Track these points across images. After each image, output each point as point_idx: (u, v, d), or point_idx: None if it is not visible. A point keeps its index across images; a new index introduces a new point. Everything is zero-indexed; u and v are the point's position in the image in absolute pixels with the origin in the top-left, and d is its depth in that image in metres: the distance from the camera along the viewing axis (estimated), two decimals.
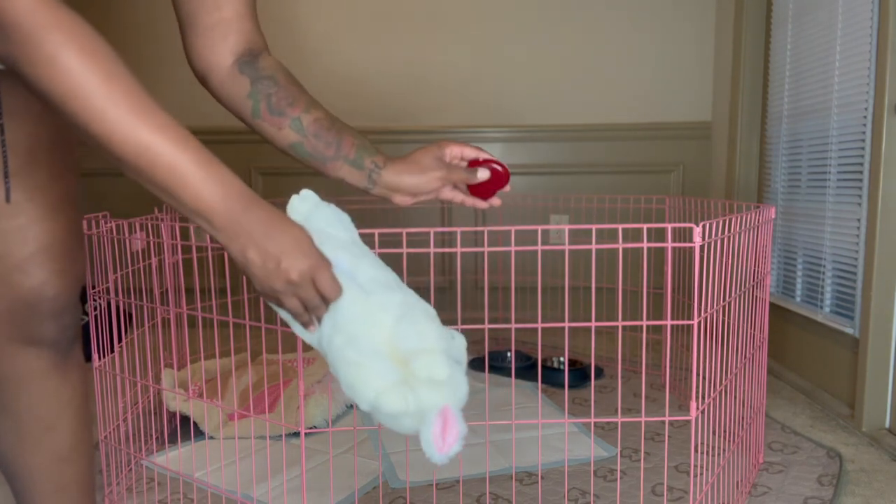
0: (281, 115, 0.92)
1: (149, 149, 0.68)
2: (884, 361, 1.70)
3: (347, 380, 0.76)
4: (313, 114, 0.94)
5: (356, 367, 0.75)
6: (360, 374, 0.75)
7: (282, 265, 0.73)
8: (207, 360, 2.02)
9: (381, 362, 0.75)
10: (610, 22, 2.78)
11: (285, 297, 0.76)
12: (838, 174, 1.94)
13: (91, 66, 0.65)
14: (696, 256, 1.02)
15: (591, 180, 2.84)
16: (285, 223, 0.75)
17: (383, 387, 0.74)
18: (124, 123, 0.67)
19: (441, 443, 0.73)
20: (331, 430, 1.12)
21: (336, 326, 0.77)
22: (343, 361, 0.76)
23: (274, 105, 0.92)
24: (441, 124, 2.85)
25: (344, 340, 0.77)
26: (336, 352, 0.77)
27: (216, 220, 0.72)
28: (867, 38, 1.78)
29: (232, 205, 0.72)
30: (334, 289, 0.76)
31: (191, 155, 0.70)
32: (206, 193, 0.71)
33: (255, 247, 0.73)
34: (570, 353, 2.37)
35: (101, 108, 0.66)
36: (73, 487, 0.99)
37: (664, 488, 1.39)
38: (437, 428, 0.73)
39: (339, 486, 1.39)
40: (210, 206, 0.71)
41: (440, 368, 0.75)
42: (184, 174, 0.69)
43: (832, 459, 1.51)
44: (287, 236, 0.74)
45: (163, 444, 1.60)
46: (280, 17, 2.83)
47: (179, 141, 0.69)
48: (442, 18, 2.82)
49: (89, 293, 1.28)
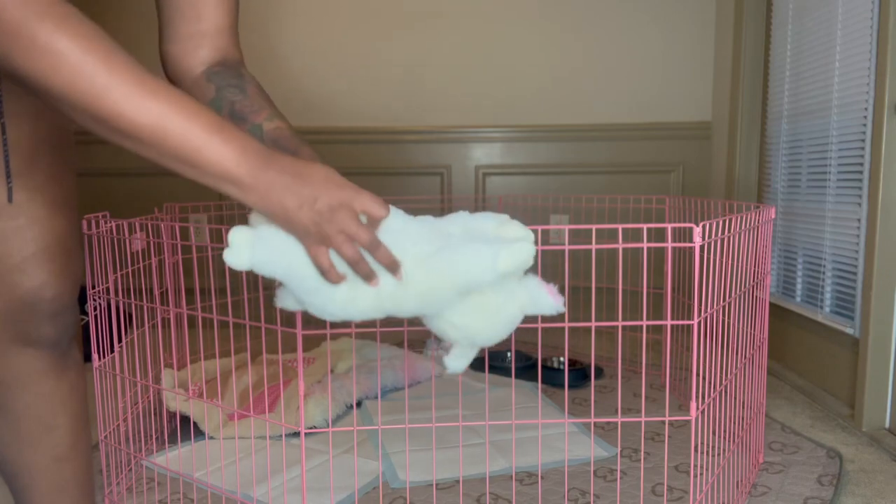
0: (242, 120, 0.92)
1: (160, 122, 0.68)
2: (884, 361, 1.70)
3: (458, 269, 0.76)
4: (275, 123, 0.93)
5: (462, 253, 0.76)
6: (468, 254, 0.76)
7: (318, 203, 0.73)
8: (207, 360, 2.02)
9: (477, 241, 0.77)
10: (610, 22, 2.78)
11: (335, 240, 0.74)
12: (838, 174, 1.94)
13: (88, 47, 0.65)
14: (696, 256, 1.02)
15: (591, 180, 2.84)
16: (309, 166, 0.74)
17: (494, 250, 0.75)
18: (132, 100, 0.66)
19: (553, 292, 0.79)
20: (331, 430, 1.12)
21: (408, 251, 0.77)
22: (445, 262, 0.76)
23: (237, 111, 0.92)
24: (441, 124, 2.85)
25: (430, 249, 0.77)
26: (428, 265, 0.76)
27: (243, 181, 0.72)
28: (867, 38, 1.78)
29: (253, 162, 0.72)
30: (379, 206, 0.75)
31: (203, 121, 0.70)
32: (225, 157, 0.70)
33: (290, 194, 0.73)
34: (570, 353, 2.37)
35: (105, 87, 0.65)
36: (71, 487, 1.00)
37: (664, 488, 1.39)
38: (542, 285, 0.79)
39: (339, 486, 1.39)
40: (231, 168, 0.71)
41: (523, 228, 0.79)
42: (199, 142, 0.69)
43: (832, 459, 1.51)
44: (316, 175, 0.74)
45: (163, 444, 1.60)
46: (280, 16, 2.83)
47: (190, 110, 0.69)
48: (442, 18, 2.82)
49: (89, 293, 1.28)
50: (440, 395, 1.93)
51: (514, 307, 0.79)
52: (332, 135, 2.86)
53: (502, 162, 2.86)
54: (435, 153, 2.87)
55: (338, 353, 2.16)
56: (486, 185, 2.87)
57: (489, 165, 2.86)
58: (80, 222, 1.08)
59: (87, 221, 1.24)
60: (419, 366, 2.09)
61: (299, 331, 1.03)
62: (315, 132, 2.84)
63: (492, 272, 0.75)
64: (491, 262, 0.74)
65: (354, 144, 2.88)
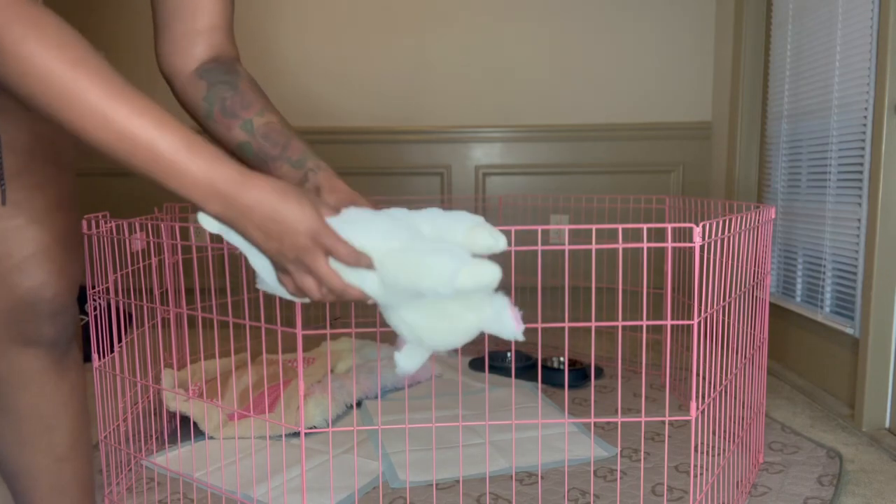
0: (233, 116, 0.90)
1: (126, 135, 0.64)
2: (884, 361, 1.70)
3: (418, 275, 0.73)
4: (266, 117, 0.91)
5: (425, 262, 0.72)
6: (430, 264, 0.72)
7: (285, 246, 0.70)
8: (207, 360, 2.02)
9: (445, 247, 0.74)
10: (610, 22, 2.78)
11: (304, 283, 0.73)
12: (838, 174, 1.94)
13: (56, 54, 0.63)
14: (696, 256, 1.02)
15: (591, 180, 2.84)
16: (284, 198, 0.70)
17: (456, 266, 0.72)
18: (98, 110, 0.64)
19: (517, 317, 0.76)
20: (331, 430, 1.12)
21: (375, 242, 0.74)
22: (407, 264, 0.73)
23: (228, 108, 0.91)
24: (441, 124, 2.85)
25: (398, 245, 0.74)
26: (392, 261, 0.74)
27: (209, 206, 0.69)
28: (867, 38, 1.78)
29: (223, 187, 0.68)
30: (350, 257, 0.72)
31: (172, 137, 0.66)
32: (193, 178, 0.67)
33: (256, 228, 0.70)
34: (570, 353, 2.37)
35: (71, 95, 0.63)
36: (72, 487, 0.99)
37: (664, 488, 1.39)
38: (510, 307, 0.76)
39: (339, 486, 1.39)
40: (200, 191, 0.67)
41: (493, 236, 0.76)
42: (167, 159, 0.66)
43: (832, 459, 1.51)
44: (290, 216, 0.70)
45: (163, 445, 1.60)
46: (281, 16, 2.83)
47: (159, 124, 0.66)
48: (442, 19, 2.82)
49: (89, 293, 1.28)
50: (440, 395, 1.93)
51: (474, 319, 0.76)
52: (333, 135, 2.86)
53: (502, 162, 2.86)
54: (435, 153, 2.87)
55: (338, 353, 2.16)
56: (486, 185, 2.87)
57: (489, 165, 2.86)
58: (80, 221, 1.08)
59: (87, 221, 1.24)
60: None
61: (299, 331, 1.03)
62: (315, 132, 2.84)
63: (449, 288, 0.72)
64: (450, 279, 0.71)
65: (355, 144, 2.87)
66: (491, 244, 0.75)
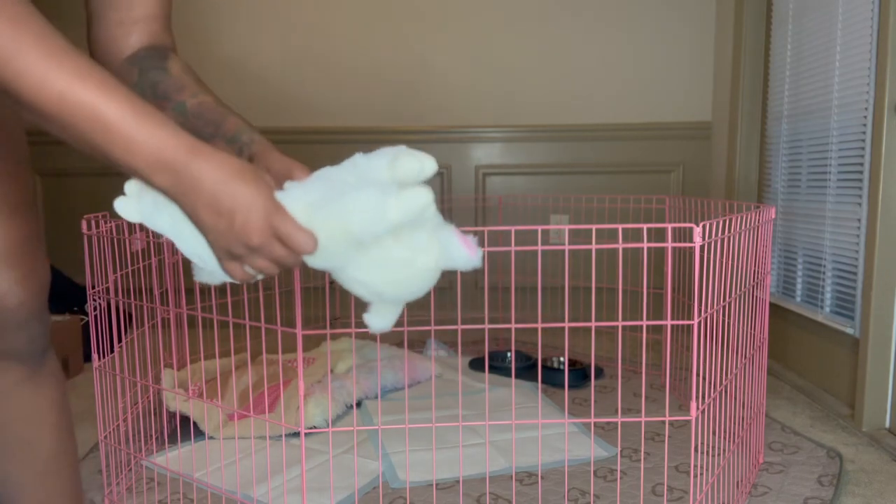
0: (165, 98, 0.85)
1: (66, 98, 0.59)
2: (884, 361, 1.70)
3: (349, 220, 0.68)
4: (200, 98, 0.86)
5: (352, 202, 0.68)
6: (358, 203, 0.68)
7: (236, 223, 0.65)
8: (207, 360, 2.02)
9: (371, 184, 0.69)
10: (610, 22, 2.78)
11: (255, 265, 0.68)
12: (838, 174, 1.94)
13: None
14: (696, 256, 1.02)
15: (591, 180, 2.84)
16: (239, 173, 0.65)
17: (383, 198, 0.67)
18: (36, 70, 0.58)
19: (469, 243, 0.71)
20: (331, 430, 1.12)
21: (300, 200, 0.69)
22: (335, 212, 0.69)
23: (160, 92, 0.86)
24: (441, 124, 2.85)
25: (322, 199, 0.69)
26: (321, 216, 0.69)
27: (156, 177, 0.63)
28: (867, 38, 1.78)
29: (172, 156, 0.62)
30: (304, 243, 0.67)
31: (118, 102, 0.60)
32: (140, 146, 0.61)
33: (205, 204, 0.64)
34: (570, 353, 2.37)
35: (8, 54, 0.58)
36: (58, 500, 0.95)
37: (664, 488, 1.39)
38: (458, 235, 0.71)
39: (339, 486, 1.39)
40: (147, 160, 0.62)
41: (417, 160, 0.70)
42: (109, 126, 0.60)
43: (832, 459, 1.51)
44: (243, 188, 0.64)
45: (163, 445, 1.60)
46: (280, 16, 2.83)
47: (103, 87, 0.60)
48: (442, 18, 2.82)
49: (89, 293, 1.28)
50: (440, 395, 1.93)
51: (424, 260, 0.71)
52: (333, 135, 2.86)
53: (502, 162, 2.86)
54: (435, 153, 2.87)
55: (338, 353, 2.16)
56: (486, 185, 2.87)
57: (489, 165, 2.86)
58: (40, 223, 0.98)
59: (87, 221, 1.24)
60: (419, 366, 2.09)
61: (299, 331, 1.03)
62: (315, 132, 2.84)
63: (383, 222, 0.67)
64: (381, 212, 0.66)
65: (354, 144, 2.87)
66: (417, 167, 0.69)
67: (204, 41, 2.84)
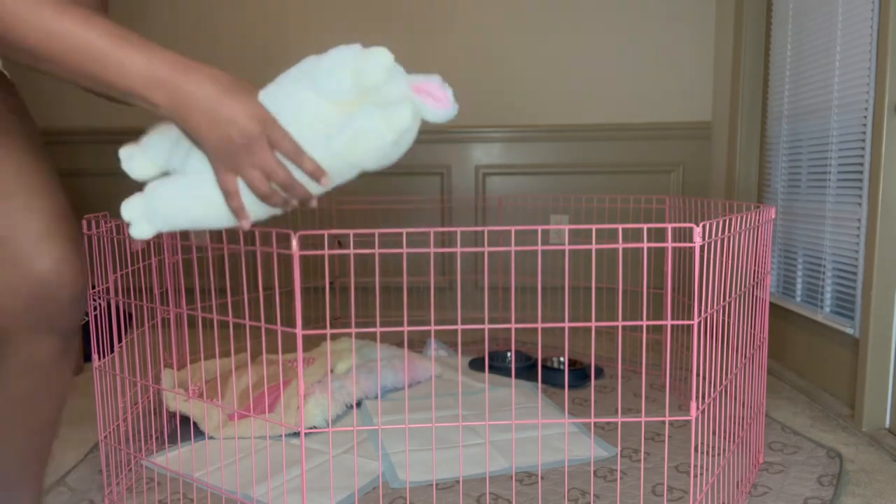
0: None
1: (54, 33, 0.62)
2: (884, 361, 1.70)
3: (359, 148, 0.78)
4: None
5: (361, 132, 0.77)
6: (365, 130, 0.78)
7: (233, 132, 0.68)
8: (207, 360, 2.02)
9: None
10: (610, 22, 2.78)
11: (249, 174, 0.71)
12: (838, 174, 1.94)
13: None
14: (696, 256, 1.02)
15: (591, 180, 2.84)
16: (232, 85, 0.69)
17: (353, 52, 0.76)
18: (23, 11, 0.61)
19: (439, 94, 0.76)
20: (331, 430, 1.12)
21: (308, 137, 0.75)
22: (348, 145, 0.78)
23: None
24: (441, 124, 2.85)
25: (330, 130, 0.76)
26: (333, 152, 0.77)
27: (154, 95, 0.66)
28: (867, 38, 1.78)
29: (167, 74, 0.66)
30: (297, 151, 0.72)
31: (102, 31, 0.64)
32: (135, 68, 0.65)
33: (202, 114, 0.67)
34: (570, 353, 2.37)
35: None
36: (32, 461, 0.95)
37: (664, 488, 1.39)
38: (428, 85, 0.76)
39: (339, 486, 1.39)
40: (142, 81, 0.65)
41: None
42: (103, 52, 0.64)
43: (832, 459, 1.51)
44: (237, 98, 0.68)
45: (163, 445, 1.60)
46: (281, 17, 2.83)
47: (87, 19, 0.64)
48: (442, 18, 2.82)
49: (89, 293, 1.28)
50: (440, 395, 1.93)
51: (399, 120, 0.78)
52: None
53: (502, 162, 2.86)
54: (435, 153, 2.87)
55: (338, 353, 2.16)
56: (486, 185, 2.87)
57: (489, 165, 2.86)
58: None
59: (87, 221, 1.24)
60: (419, 366, 2.09)
61: (299, 331, 1.03)
62: None
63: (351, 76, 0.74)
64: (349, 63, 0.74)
65: None
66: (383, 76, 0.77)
67: (204, 41, 2.84)
